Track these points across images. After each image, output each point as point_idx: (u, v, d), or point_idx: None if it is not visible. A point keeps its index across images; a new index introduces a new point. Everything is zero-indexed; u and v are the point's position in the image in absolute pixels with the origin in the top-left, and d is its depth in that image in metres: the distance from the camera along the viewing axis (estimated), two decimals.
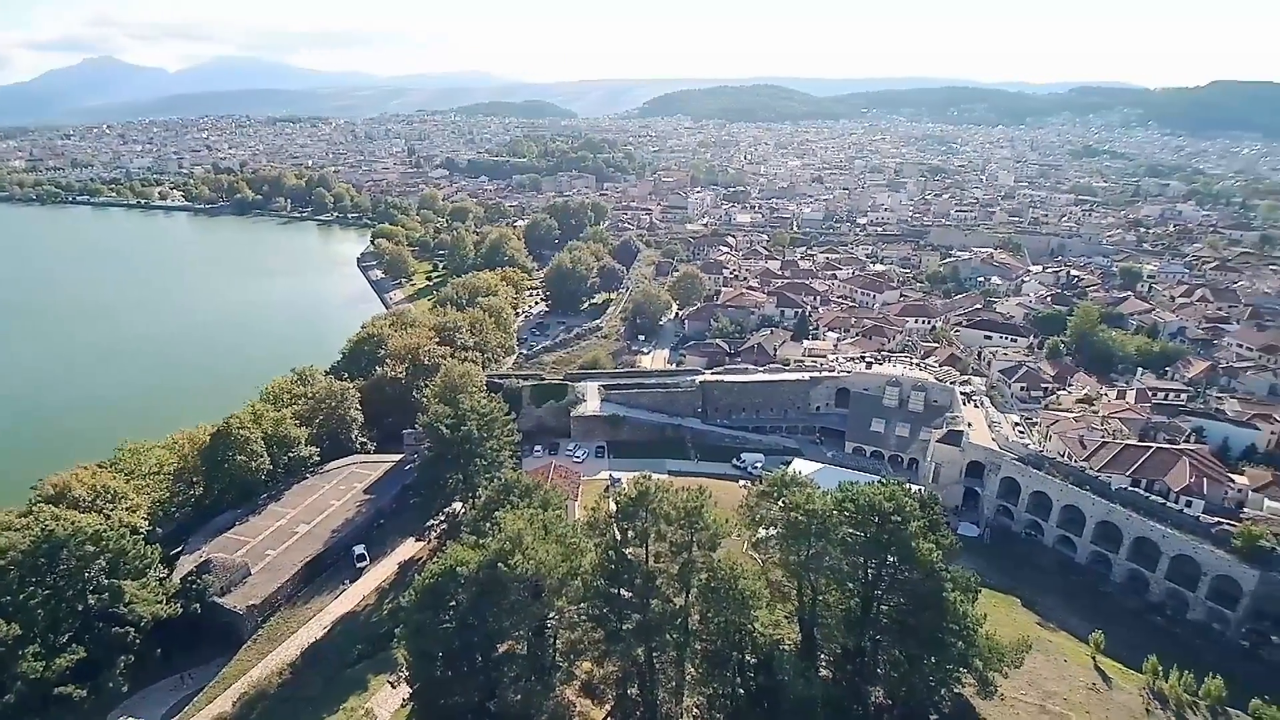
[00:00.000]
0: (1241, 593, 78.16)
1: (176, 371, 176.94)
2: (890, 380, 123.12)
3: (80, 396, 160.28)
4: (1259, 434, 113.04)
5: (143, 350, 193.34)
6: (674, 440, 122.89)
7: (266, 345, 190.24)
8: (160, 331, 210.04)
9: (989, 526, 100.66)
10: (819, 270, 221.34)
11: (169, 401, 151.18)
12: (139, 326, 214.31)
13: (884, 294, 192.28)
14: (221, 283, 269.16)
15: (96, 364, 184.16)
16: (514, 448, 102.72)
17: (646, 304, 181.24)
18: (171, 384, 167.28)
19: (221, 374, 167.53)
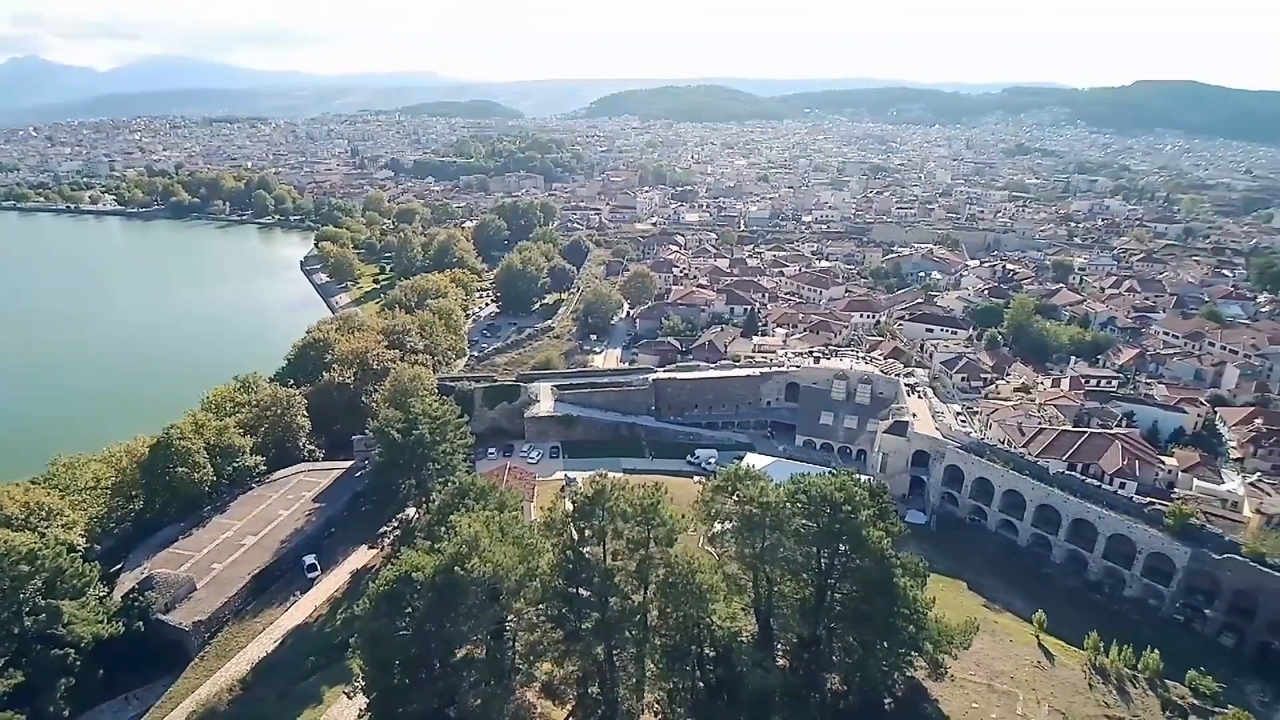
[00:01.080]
0: (1174, 569, 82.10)
1: (112, 382, 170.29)
2: (838, 374, 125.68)
3: (8, 410, 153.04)
4: (1186, 417, 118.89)
5: (75, 361, 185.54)
6: (628, 439, 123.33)
7: (207, 353, 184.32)
8: (93, 341, 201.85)
9: (935, 513, 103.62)
10: (767, 268, 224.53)
11: (105, 413, 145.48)
12: (70, 336, 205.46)
13: (830, 290, 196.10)
14: (158, 289, 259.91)
15: (26, 376, 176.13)
16: (467, 451, 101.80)
17: (598, 303, 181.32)
18: (107, 395, 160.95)
19: (160, 384, 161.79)
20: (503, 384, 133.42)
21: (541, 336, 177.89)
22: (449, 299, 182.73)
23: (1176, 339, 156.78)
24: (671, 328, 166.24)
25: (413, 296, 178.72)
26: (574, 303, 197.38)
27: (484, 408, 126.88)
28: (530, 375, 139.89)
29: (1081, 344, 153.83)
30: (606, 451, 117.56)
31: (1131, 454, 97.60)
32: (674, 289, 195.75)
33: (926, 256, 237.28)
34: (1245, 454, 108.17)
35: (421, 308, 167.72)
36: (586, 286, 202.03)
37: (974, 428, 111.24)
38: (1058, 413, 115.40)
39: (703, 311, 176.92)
